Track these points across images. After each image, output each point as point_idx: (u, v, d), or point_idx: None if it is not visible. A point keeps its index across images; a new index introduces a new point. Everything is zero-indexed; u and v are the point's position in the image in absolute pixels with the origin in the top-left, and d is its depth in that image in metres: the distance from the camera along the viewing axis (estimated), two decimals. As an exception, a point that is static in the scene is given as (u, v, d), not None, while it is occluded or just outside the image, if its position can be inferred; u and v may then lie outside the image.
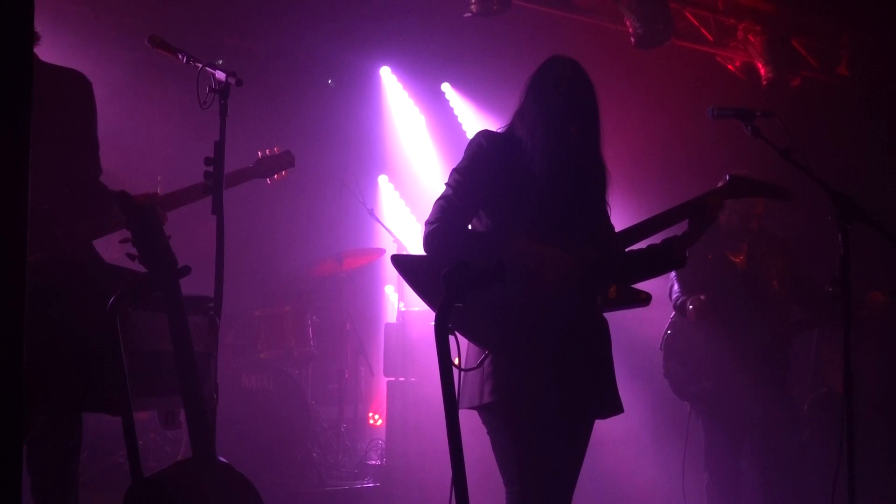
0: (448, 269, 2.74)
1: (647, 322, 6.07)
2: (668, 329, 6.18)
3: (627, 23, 7.88)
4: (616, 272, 3.58)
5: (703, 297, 5.84)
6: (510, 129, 3.62)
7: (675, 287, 6.05)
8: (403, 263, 3.45)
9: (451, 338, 2.90)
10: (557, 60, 3.63)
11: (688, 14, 8.56)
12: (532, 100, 3.58)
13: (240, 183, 4.78)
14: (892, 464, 6.79)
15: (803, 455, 6.36)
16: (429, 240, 3.44)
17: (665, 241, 3.65)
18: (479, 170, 3.51)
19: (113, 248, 4.39)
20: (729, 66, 8.99)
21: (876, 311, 6.05)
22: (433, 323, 2.82)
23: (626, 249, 3.65)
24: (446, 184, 3.55)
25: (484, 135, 3.59)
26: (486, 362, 3.43)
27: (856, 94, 8.82)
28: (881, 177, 8.09)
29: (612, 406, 3.61)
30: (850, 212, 3.90)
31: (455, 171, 3.55)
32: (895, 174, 8.18)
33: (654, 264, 3.70)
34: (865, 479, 4.06)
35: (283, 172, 5.04)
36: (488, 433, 3.54)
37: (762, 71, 8.63)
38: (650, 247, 3.67)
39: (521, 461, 3.45)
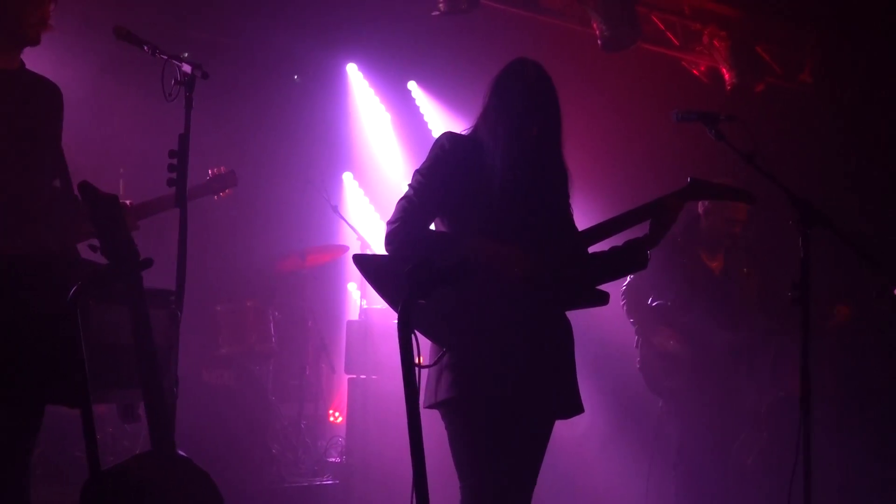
0: (412, 265, 2.74)
1: (601, 320, 6.13)
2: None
3: (594, 25, 7.91)
4: (577, 273, 3.60)
5: (672, 342, 5.96)
6: (475, 130, 3.64)
7: (624, 305, 6.16)
8: (364, 263, 3.48)
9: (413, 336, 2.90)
10: (521, 62, 3.66)
11: (654, 18, 8.61)
12: (495, 101, 3.60)
13: (192, 200, 4.87)
14: (848, 464, 6.88)
15: (759, 458, 6.45)
16: (390, 239, 3.46)
17: (627, 243, 3.68)
18: (440, 171, 3.53)
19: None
20: (694, 71, 9.06)
21: (842, 323, 6.12)
22: (396, 321, 2.82)
23: (588, 250, 3.67)
24: (409, 185, 3.57)
25: (447, 136, 3.60)
26: (444, 360, 3.45)
27: (818, 101, 8.90)
28: (842, 183, 8.17)
29: (573, 406, 3.62)
30: (811, 217, 3.94)
31: (417, 171, 3.58)
32: (856, 181, 8.27)
33: (616, 265, 3.72)
34: (822, 479, 4.11)
35: (228, 191, 5.32)
36: (446, 429, 3.55)
37: (726, 76, 8.69)
38: (612, 248, 3.69)
39: (475, 455, 3.47)
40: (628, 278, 6.22)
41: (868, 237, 6.25)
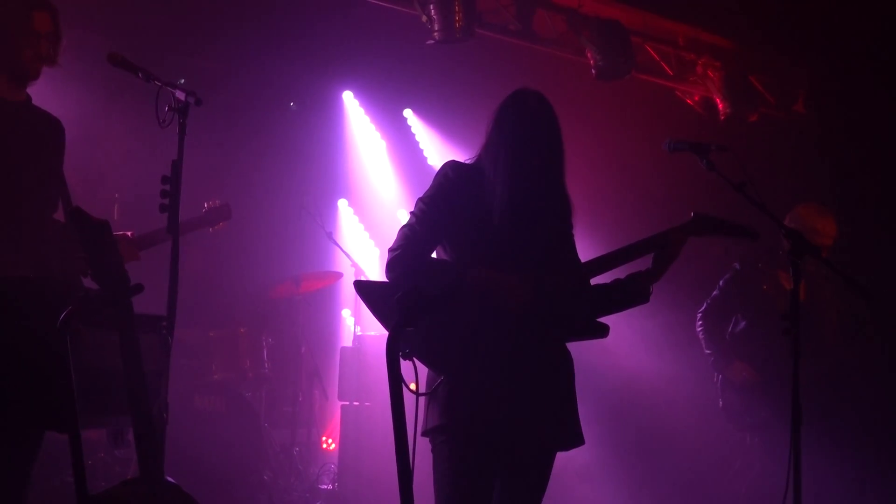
0: (401, 292, 2.75)
1: (588, 350, 6.15)
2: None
3: (589, 55, 7.96)
4: (577, 304, 3.58)
5: (745, 375, 6.01)
6: (478, 160, 3.63)
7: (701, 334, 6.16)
8: (365, 289, 3.46)
9: (408, 363, 2.91)
10: (523, 93, 3.65)
11: (648, 48, 8.66)
12: (497, 132, 3.60)
13: (190, 232, 5.04)
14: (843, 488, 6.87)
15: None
16: (391, 266, 3.46)
17: (630, 276, 3.65)
18: (443, 200, 3.53)
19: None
20: (688, 101, 9.10)
21: None
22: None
23: (591, 282, 3.65)
24: (411, 212, 3.57)
25: (451, 165, 3.60)
26: (440, 388, 3.43)
27: (811, 132, 8.95)
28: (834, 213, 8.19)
29: (573, 437, 3.58)
30: (801, 247, 3.95)
31: (420, 200, 3.57)
32: (846, 211, 8.28)
33: (617, 298, 3.67)
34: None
35: (222, 224, 5.48)
36: (434, 456, 3.50)
37: (720, 106, 8.75)
38: (615, 281, 3.66)
39: (453, 487, 3.43)
40: (705, 304, 6.26)
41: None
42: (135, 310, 3.21)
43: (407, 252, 3.46)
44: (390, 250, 3.50)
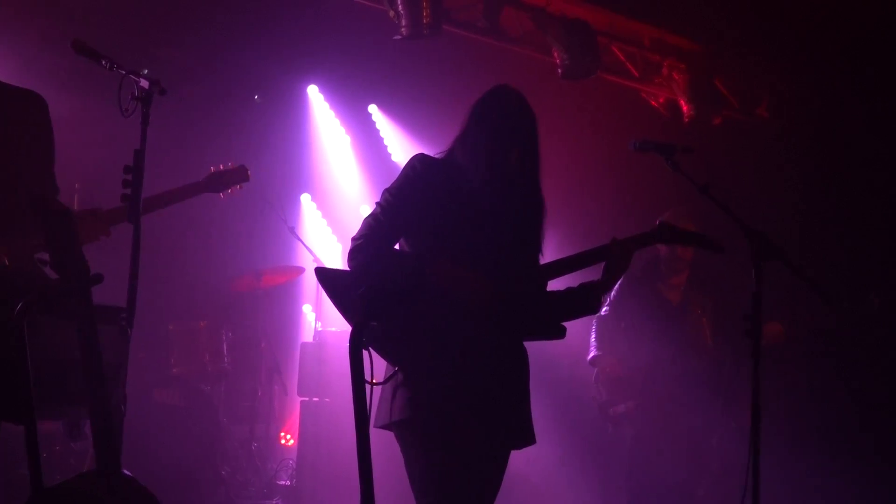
0: (365, 287, 2.74)
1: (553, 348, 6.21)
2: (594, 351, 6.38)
3: (555, 54, 7.97)
4: (532, 308, 3.57)
5: (611, 370, 6.24)
6: (449, 153, 3.63)
7: (594, 335, 6.28)
8: (326, 277, 3.44)
9: (366, 356, 2.90)
10: (502, 89, 3.67)
11: (615, 49, 8.68)
12: (473, 126, 3.60)
13: (188, 197, 4.92)
14: (798, 493, 6.94)
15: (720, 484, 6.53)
16: (353, 255, 3.46)
17: (582, 286, 3.65)
18: (409, 192, 3.52)
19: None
20: (653, 102, 9.13)
21: (772, 340, 6.21)
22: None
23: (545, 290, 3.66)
24: (377, 203, 3.56)
25: (419, 158, 3.59)
26: (398, 379, 3.42)
27: (774, 136, 9.01)
28: (795, 216, 8.26)
29: (524, 437, 3.59)
30: (765, 249, 3.97)
31: (387, 190, 3.57)
32: (808, 214, 8.36)
33: (569, 307, 3.68)
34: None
35: (239, 187, 5.26)
36: (401, 450, 3.51)
37: (684, 108, 8.78)
38: (568, 290, 3.66)
39: (431, 474, 3.42)
40: (604, 310, 6.33)
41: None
42: (94, 300, 3.18)
43: (369, 241, 3.45)
44: (353, 239, 3.49)
